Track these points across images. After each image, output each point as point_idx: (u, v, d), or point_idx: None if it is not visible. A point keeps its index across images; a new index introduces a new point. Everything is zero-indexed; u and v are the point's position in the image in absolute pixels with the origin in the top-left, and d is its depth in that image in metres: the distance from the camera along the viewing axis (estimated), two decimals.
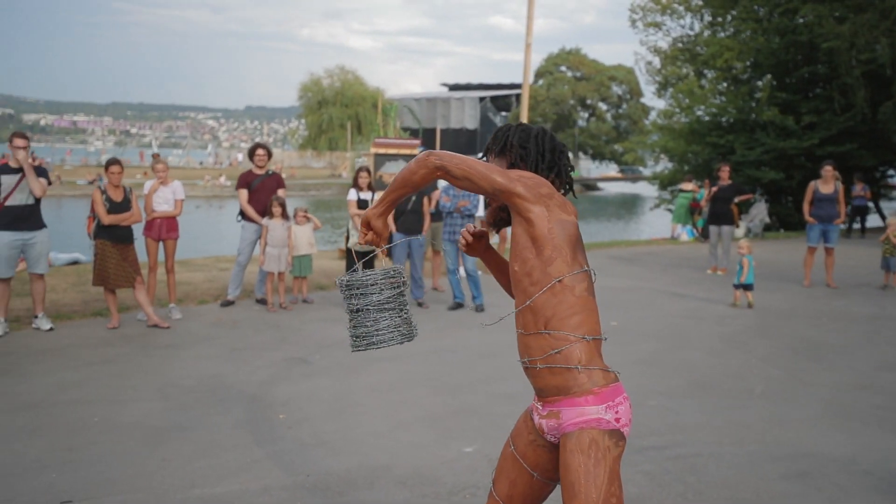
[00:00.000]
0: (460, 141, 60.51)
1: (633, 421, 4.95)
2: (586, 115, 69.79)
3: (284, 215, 8.55)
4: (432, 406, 5.29)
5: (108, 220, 7.27)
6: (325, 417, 5.01)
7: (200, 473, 4.07)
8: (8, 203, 7.03)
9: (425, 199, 8.91)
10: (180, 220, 8.20)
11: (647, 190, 39.27)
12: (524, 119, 15.46)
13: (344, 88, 61.43)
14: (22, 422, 4.81)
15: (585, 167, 67.37)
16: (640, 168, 58.79)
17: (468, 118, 66.33)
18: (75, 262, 14.02)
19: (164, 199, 8.00)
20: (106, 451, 4.36)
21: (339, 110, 60.51)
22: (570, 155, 2.43)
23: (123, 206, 7.41)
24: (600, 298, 2.38)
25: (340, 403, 5.33)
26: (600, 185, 64.08)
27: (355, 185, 8.84)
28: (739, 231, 17.54)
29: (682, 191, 18.89)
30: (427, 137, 62.43)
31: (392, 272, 2.31)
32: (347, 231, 8.90)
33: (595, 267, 2.53)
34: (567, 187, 2.42)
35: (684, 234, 17.81)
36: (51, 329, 7.26)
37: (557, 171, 2.37)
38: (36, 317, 7.33)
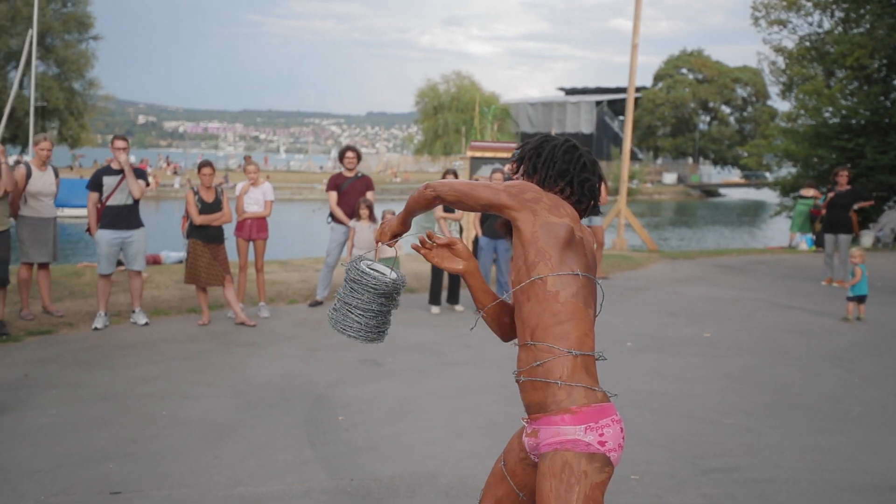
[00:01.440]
0: None
1: (703, 440, 4.65)
2: (708, 118, 67.28)
3: (371, 217, 8.61)
4: (494, 414, 5.14)
5: (199, 220, 7.54)
6: (383, 421, 4.96)
7: (248, 472, 4.10)
8: (109, 203, 7.40)
9: None
10: (273, 221, 8.41)
11: (771, 196, 37.46)
12: (629, 123, 15.01)
13: (460, 93, 61.81)
14: (96, 412, 5.02)
15: (706, 172, 64.93)
16: (766, 173, 56.12)
17: (584, 122, 65.35)
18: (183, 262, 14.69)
19: (255, 201, 8.22)
20: (165, 445, 4.47)
21: (454, 115, 60.94)
22: (598, 168, 2.29)
23: (215, 206, 7.65)
24: (696, 307, 2.22)
25: (402, 408, 5.27)
26: (722, 191, 61.60)
27: None
28: (866, 240, 16.37)
29: (801, 197, 17.82)
30: None
31: (396, 283, 2.39)
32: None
33: (697, 276, 2.36)
34: (586, 197, 2.27)
35: (803, 242, 16.78)
36: (146, 324, 7.59)
37: (570, 181, 2.24)
38: (133, 311, 7.69)
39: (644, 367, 6.47)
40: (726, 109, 66.65)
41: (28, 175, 7.39)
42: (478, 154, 11.97)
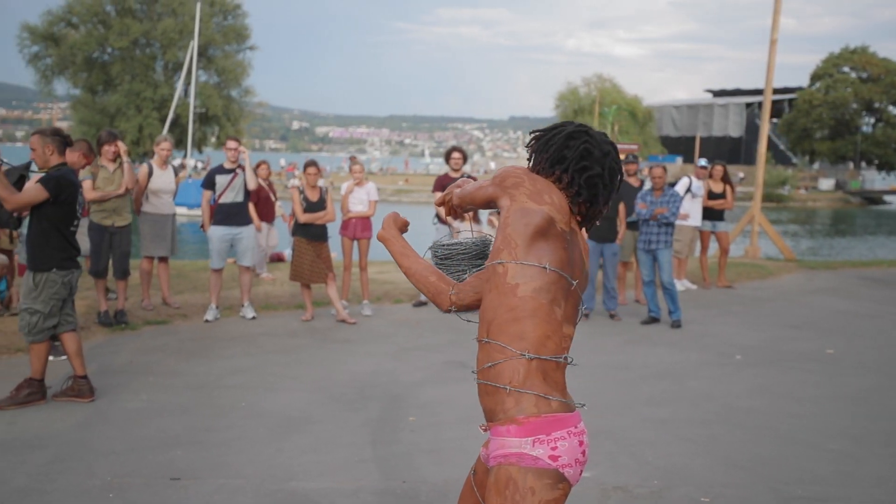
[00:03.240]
0: (722, 149, 56.93)
1: (794, 465, 4.24)
2: (872, 119, 62.37)
3: (474, 218, 8.53)
4: None
5: (303, 218, 7.73)
6: (453, 424, 4.86)
7: (304, 467, 4.11)
8: (221, 201, 7.73)
9: (621, 206, 8.42)
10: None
11: None
12: (765, 124, 14.12)
13: (601, 96, 60.75)
14: (182, 400, 5.22)
15: (869, 178, 60.16)
16: None
17: (732, 125, 62.42)
18: None
19: (359, 200, 8.34)
20: (235, 435, 4.58)
21: (594, 119, 59.95)
22: (611, 159, 2.06)
23: (319, 205, 7.82)
24: (824, 321, 1.98)
25: (476, 411, 5.13)
26: (887, 198, 56.89)
27: None
28: None
29: None
30: (686, 146, 59.78)
31: (484, 240, 2.35)
32: None
33: (834, 287, 2.12)
34: (585, 190, 2.02)
35: None
36: (253, 318, 7.86)
37: (566, 168, 2.01)
38: (243, 305, 7.99)
39: (749, 382, 6.01)
40: (894, 110, 61.52)
41: (150, 174, 7.85)
42: None
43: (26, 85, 55.43)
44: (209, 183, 7.77)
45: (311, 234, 7.79)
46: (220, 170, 7.81)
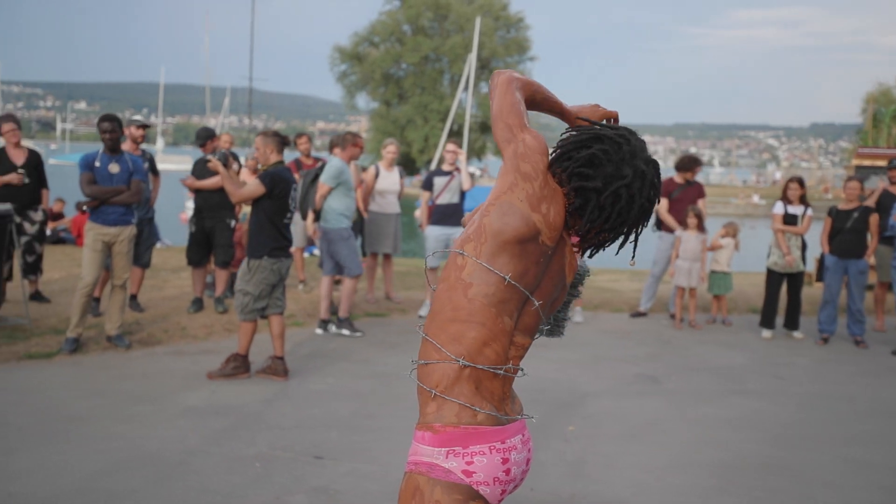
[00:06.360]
0: None
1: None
2: None
3: (700, 227, 7.97)
4: (741, 454, 4.41)
5: None
6: (611, 439, 4.59)
7: None
8: (438, 201, 8.03)
9: (873, 217, 7.34)
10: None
11: None
12: None
13: None
14: (360, 387, 5.50)
15: None
16: None
17: None
18: None
19: None
20: (389, 424, 4.72)
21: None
22: (625, 170, 1.73)
23: None
24: None
25: (645, 428, 4.80)
26: None
27: (784, 197, 7.74)
28: None
29: None
30: None
31: (580, 271, 2.04)
32: (770, 249, 7.83)
33: None
34: (579, 200, 1.75)
35: None
36: None
37: (565, 168, 1.76)
38: None
39: None
40: None
41: (376, 175, 8.37)
42: (866, 162, 10.28)
43: (336, 100, 61.98)
44: (428, 185, 8.10)
45: None
46: (439, 172, 8.11)
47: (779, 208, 7.67)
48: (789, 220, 7.56)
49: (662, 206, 8.34)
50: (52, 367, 5.63)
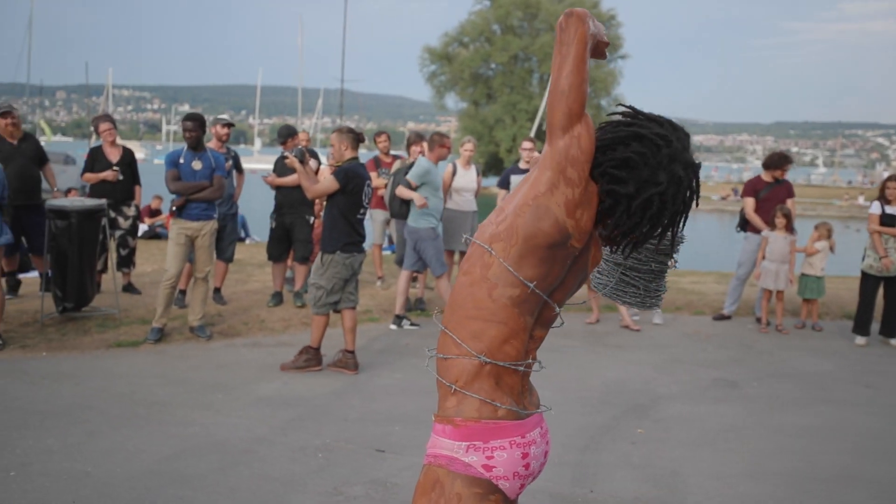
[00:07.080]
0: None
1: None
2: None
3: (788, 227, 7.63)
4: (821, 464, 4.19)
5: None
6: (680, 443, 4.44)
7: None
8: None
9: None
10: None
11: None
12: None
13: None
14: (427, 383, 5.47)
15: None
16: None
17: None
18: None
19: None
20: None
21: None
22: (660, 176, 1.66)
23: None
24: None
25: (718, 435, 4.63)
26: None
27: (881, 196, 7.32)
28: None
29: None
30: None
31: (677, 238, 1.96)
32: (865, 251, 7.42)
33: None
34: (609, 200, 1.68)
35: None
36: None
37: (597, 164, 1.68)
38: None
39: None
40: None
41: (453, 173, 8.38)
42: None
43: (426, 100, 62.54)
44: (504, 182, 8.06)
45: None
46: (516, 170, 8.06)
47: (876, 208, 7.26)
48: (887, 220, 7.15)
49: (749, 205, 8.04)
50: (138, 356, 5.88)
